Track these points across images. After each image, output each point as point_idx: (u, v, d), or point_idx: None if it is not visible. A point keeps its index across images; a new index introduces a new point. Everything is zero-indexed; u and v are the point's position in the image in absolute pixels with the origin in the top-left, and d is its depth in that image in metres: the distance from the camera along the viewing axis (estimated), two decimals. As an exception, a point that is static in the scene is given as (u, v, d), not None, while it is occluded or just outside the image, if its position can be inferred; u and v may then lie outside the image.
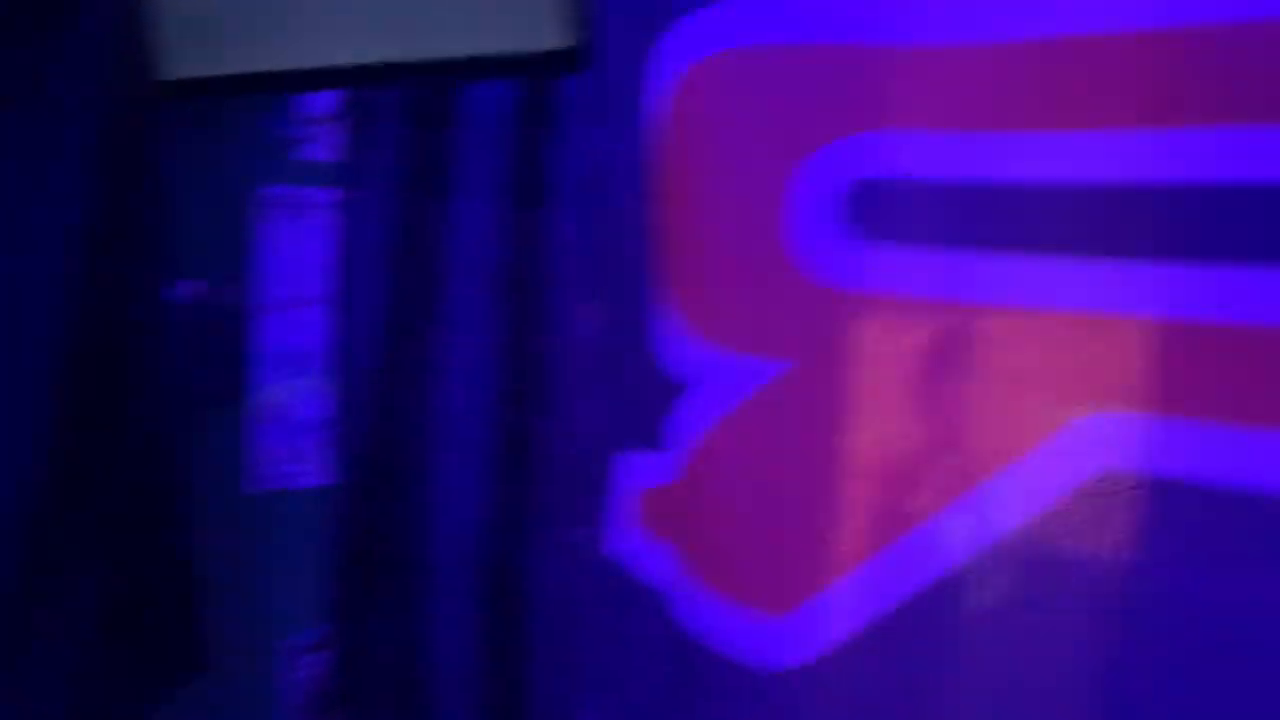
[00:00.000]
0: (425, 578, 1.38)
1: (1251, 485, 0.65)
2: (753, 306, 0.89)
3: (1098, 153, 0.70)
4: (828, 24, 0.82)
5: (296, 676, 1.55)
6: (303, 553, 1.48)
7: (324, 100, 1.55)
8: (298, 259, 1.57)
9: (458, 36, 1.29)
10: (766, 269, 0.86)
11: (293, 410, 1.58)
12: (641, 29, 0.96)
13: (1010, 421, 0.75)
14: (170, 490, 1.29)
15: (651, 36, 0.94)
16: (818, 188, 0.83)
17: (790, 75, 0.84)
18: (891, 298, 0.80)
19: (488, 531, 1.34)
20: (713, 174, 0.90)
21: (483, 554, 1.34)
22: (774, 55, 0.85)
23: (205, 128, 1.49)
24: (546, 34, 1.22)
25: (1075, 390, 0.72)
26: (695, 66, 0.88)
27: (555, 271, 1.32)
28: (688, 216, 0.93)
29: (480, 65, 1.30)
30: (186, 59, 1.39)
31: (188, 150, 1.44)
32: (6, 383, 1.18)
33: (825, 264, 0.83)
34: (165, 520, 1.28)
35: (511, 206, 1.38)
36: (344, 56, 1.34)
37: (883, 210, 0.81)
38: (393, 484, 1.42)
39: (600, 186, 1.10)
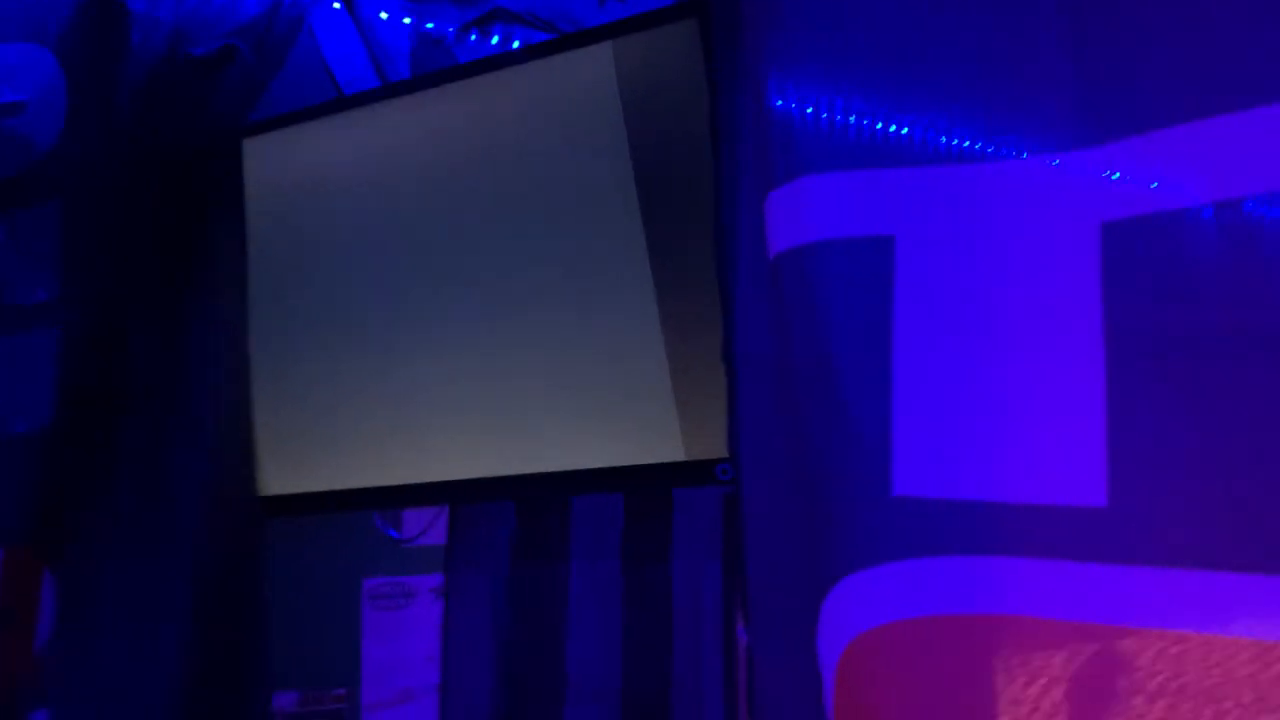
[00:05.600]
0: None
1: None
2: None
3: None
4: (1002, 593, 0.73)
5: None
6: None
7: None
8: (403, 650, 1.52)
9: (567, 450, 1.25)
10: None
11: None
12: None
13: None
14: None
15: None
16: None
17: (963, 652, 0.75)
18: None
19: None
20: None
21: None
22: (946, 628, 0.75)
23: (306, 528, 1.46)
24: (660, 447, 1.19)
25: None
26: (863, 636, 0.78)
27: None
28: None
29: (586, 479, 1.25)
30: (285, 477, 1.40)
31: (288, 553, 1.43)
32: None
33: None
34: None
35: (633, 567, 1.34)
36: (443, 472, 1.31)
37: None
38: None
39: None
